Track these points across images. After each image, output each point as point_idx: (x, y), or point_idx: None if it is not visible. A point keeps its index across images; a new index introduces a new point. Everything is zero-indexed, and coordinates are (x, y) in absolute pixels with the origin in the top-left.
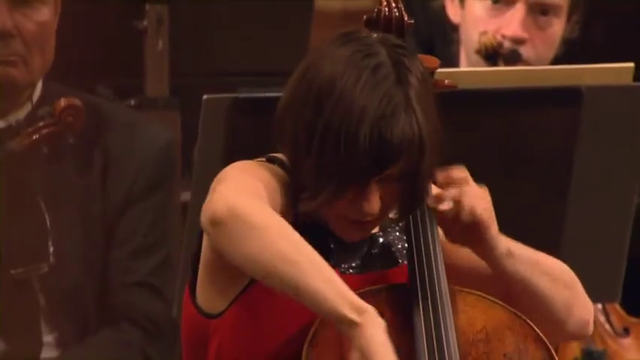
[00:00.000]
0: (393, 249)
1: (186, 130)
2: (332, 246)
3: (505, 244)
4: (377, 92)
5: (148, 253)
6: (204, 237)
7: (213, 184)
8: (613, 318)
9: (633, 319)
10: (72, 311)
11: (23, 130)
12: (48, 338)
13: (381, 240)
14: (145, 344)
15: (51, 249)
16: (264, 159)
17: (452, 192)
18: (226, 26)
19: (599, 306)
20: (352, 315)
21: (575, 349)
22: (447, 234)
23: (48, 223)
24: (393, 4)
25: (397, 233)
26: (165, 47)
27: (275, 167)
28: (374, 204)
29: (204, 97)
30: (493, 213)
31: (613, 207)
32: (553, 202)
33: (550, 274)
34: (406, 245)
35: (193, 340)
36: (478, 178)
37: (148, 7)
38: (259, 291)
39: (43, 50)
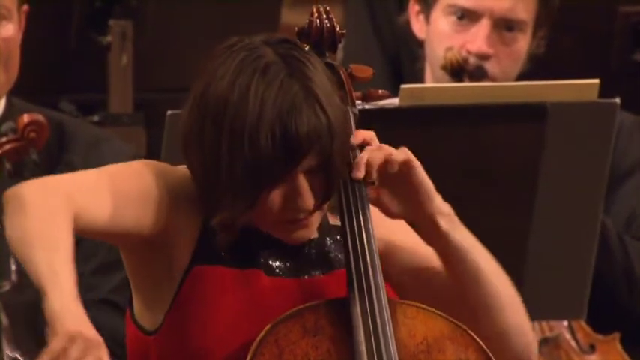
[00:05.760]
0: (330, 254)
1: (151, 146)
2: (259, 250)
3: (445, 205)
4: (271, 90)
5: (112, 269)
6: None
7: None
8: (579, 335)
9: (599, 336)
10: (34, 329)
11: None
12: (10, 357)
13: (316, 244)
14: None
15: (13, 267)
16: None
17: (364, 155)
18: (190, 41)
19: (565, 323)
20: (48, 289)
21: None
22: (385, 211)
23: None
24: (324, 15)
25: (337, 239)
26: (129, 63)
27: (188, 174)
28: (307, 198)
29: (168, 112)
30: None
31: (578, 223)
32: (518, 218)
33: (493, 265)
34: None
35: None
36: (443, 194)
37: (112, 22)
38: (184, 302)
39: (8, 66)
